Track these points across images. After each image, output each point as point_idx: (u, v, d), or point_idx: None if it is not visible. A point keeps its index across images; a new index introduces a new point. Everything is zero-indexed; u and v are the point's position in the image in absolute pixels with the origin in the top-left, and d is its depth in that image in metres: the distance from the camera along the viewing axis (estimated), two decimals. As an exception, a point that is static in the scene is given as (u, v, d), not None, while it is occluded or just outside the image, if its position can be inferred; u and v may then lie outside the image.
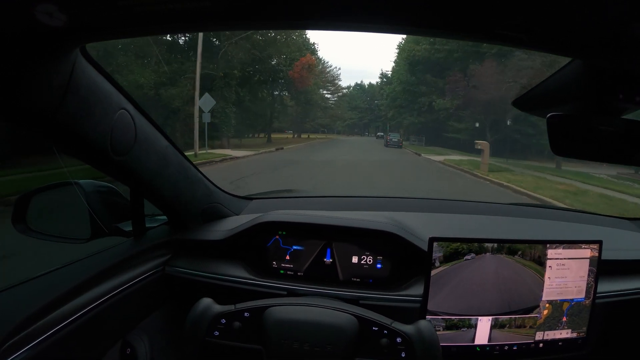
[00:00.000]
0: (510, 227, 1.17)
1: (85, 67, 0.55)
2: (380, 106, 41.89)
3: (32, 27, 0.39)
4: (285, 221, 0.96)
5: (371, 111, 49.51)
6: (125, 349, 0.81)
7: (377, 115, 47.06)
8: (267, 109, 21.91)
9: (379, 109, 45.11)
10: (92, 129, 0.59)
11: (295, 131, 33.72)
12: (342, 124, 47.28)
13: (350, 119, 48.86)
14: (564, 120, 0.54)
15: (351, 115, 48.56)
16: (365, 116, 50.70)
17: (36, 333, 0.60)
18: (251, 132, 22.45)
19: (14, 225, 0.79)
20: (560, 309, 0.82)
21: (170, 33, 2.22)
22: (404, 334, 0.64)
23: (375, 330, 0.65)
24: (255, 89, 18.54)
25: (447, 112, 20.90)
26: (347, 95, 48.27)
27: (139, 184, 0.80)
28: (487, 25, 0.39)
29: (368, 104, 50.95)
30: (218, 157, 10.91)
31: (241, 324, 0.68)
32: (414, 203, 1.41)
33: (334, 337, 0.64)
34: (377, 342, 0.64)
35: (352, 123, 50.17)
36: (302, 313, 0.68)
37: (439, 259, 0.79)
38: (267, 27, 0.69)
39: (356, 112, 50.35)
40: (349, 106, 47.36)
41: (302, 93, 24.79)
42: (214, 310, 0.69)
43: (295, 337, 0.64)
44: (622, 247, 1.03)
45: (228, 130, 15.60)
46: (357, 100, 51.08)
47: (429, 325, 0.65)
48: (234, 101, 15.91)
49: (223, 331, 0.68)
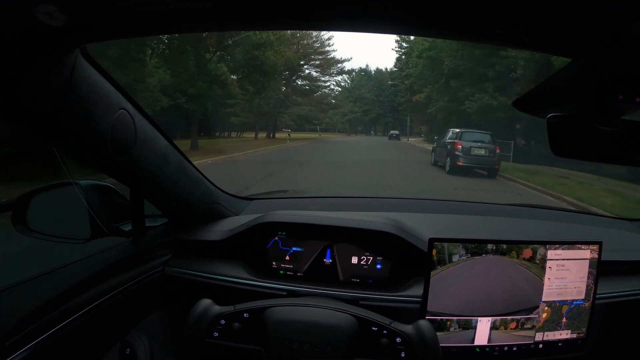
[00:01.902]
0: (510, 227, 1.17)
1: (85, 67, 0.55)
2: (399, 91, 30.88)
3: (32, 27, 0.39)
4: (285, 221, 0.96)
5: (380, 104, 38.17)
6: (125, 349, 0.81)
7: (388, 107, 36.74)
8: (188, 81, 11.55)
9: (393, 97, 34.65)
10: (92, 129, 0.59)
11: (263, 129, 20.53)
12: (341, 119, 37.32)
13: (352, 113, 37.42)
14: (564, 120, 0.54)
15: (352, 108, 37.06)
16: (371, 109, 38.35)
17: (36, 333, 0.60)
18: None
19: (14, 226, 0.79)
20: (559, 312, 0.82)
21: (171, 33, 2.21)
22: (403, 334, 0.64)
23: (374, 330, 0.65)
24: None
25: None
26: (351, 80, 37.55)
27: (139, 184, 0.80)
28: (487, 25, 0.39)
29: (375, 93, 38.72)
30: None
31: (241, 325, 0.68)
32: (414, 203, 1.41)
33: (333, 338, 0.64)
34: (376, 342, 0.64)
35: (354, 118, 38.32)
36: (301, 314, 0.68)
37: (439, 259, 0.79)
38: (267, 27, 0.69)
39: (360, 103, 38.13)
40: (350, 96, 37.31)
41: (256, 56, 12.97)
42: (214, 311, 0.69)
43: (295, 337, 0.64)
44: (622, 248, 1.03)
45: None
46: (361, 89, 38.97)
47: (428, 325, 0.65)
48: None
49: (222, 332, 0.68)
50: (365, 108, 38.17)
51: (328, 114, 31.37)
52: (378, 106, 38.26)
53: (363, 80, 39.67)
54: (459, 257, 0.79)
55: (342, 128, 40.57)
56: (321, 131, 33.79)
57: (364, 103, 38.43)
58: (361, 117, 38.43)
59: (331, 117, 33.87)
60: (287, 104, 22.24)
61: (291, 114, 23.92)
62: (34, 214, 0.81)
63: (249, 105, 17.18)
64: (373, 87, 39.34)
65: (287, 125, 24.47)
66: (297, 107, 23.79)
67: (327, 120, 33.26)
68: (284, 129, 24.10)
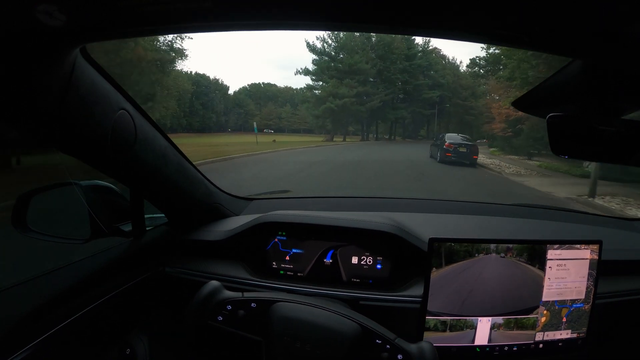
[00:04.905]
0: (510, 227, 1.17)
1: (85, 67, 0.55)
2: (430, 67, 20.28)
3: (32, 27, 0.39)
4: (285, 221, 0.96)
5: (390, 82, 23.38)
6: (125, 349, 0.81)
7: (399, 91, 22.45)
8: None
9: (412, 75, 21.70)
10: (92, 129, 0.59)
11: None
12: (313, 110, 22.83)
13: (335, 98, 21.67)
14: (564, 120, 0.54)
15: (337, 89, 21.88)
16: (374, 92, 22.99)
17: (36, 333, 0.60)
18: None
19: (14, 226, 0.79)
20: (559, 312, 0.82)
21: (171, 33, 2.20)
22: (405, 352, 0.63)
23: (378, 343, 0.64)
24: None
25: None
26: (335, 40, 22.81)
27: (139, 183, 0.80)
28: (487, 25, 0.39)
29: (380, 63, 23.09)
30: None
31: (246, 313, 0.68)
32: (414, 204, 1.41)
33: (336, 343, 0.63)
34: (377, 355, 0.63)
35: (340, 106, 21.71)
36: (309, 314, 0.67)
37: (439, 259, 0.79)
38: (268, 27, 0.69)
39: (354, 82, 22.27)
40: (332, 68, 22.47)
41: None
42: (222, 295, 0.69)
43: (299, 335, 0.64)
44: (622, 248, 1.03)
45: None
46: (353, 56, 22.77)
47: (431, 349, 0.64)
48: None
49: (227, 317, 0.68)
50: (360, 90, 21.87)
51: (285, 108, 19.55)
52: (384, 87, 22.97)
53: (355, 42, 23.45)
54: (459, 257, 0.79)
55: (315, 124, 24.06)
56: (275, 131, 23.36)
57: (360, 82, 22.21)
58: (353, 105, 21.89)
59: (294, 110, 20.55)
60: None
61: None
62: (33, 214, 0.81)
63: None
64: (372, 56, 22.94)
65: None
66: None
67: (285, 115, 20.51)
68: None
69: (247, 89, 44.91)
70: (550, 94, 0.61)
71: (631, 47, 0.39)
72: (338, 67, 23.24)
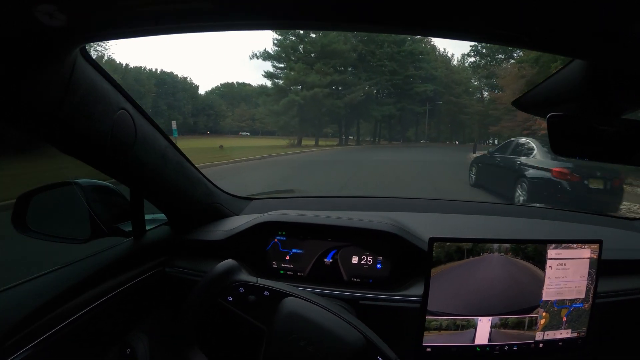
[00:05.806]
0: (510, 227, 1.17)
1: (85, 67, 0.55)
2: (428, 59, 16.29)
3: (32, 27, 0.39)
4: (286, 221, 0.96)
5: (375, 71, 17.81)
6: (125, 349, 0.81)
7: (387, 84, 17.63)
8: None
9: (408, 64, 16.86)
10: (92, 129, 0.59)
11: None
12: (274, 106, 16.81)
13: (304, 89, 15.52)
14: (564, 120, 0.54)
15: (305, 75, 15.70)
16: (355, 82, 17.23)
17: (36, 333, 0.60)
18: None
19: (14, 226, 0.79)
20: (559, 311, 0.82)
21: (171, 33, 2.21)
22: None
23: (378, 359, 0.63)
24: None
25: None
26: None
27: (139, 183, 0.80)
28: (487, 25, 0.39)
29: (362, 46, 17.58)
30: None
31: (256, 300, 0.67)
32: (414, 203, 1.41)
33: (340, 351, 0.62)
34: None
35: (310, 97, 15.44)
36: (319, 315, 0.66)
37: (439, 259, 0.79)
38: (268, 27, 0.69)
39: (328, 66, 16.07)
40: (298, 48, 16.15)
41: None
42: (238, 276, 0.68)
43: (304, 335, 0.63)
44: (622, 247, 1.03)
45: None
46: (327, 36, 16.12)
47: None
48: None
49: (237, 299, 0.67)
50: (336, 78, 16.43)
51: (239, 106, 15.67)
52: (367, 77, 17.65)
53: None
54: (459, 256, 0.79)
55: (275, 124, 18.08)
56: (250, 134, 18.81)
57: (335, 68, 16.40)
58: (327, 98, 16.08)
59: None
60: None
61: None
62: (33, 214, 0.81)
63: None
64: (364, 38, 16.59)
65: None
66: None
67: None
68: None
69: (219, 89, 42.74)
70: (551, 94, 0.61)
71: (631, 47, 0.39)
72: (307, 49, 16.91)
